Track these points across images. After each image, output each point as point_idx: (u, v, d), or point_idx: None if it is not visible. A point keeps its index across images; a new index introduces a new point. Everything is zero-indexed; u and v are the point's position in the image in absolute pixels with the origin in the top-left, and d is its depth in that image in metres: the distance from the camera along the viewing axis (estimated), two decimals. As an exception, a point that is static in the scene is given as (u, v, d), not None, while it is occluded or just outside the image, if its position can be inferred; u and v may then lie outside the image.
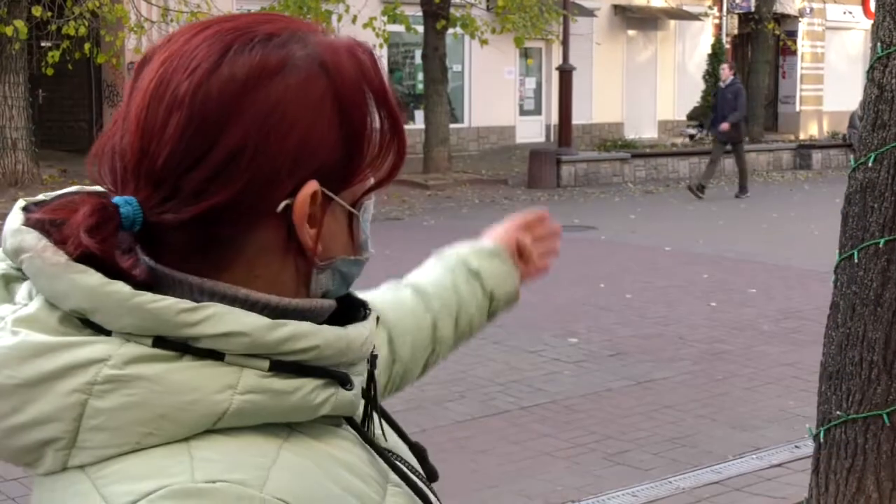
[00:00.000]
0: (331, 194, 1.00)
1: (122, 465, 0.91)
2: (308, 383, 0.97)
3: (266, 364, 0.94)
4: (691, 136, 25.12)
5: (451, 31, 20.60)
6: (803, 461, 5.61)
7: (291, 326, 0.96)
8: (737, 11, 31.77)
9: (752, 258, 12.22)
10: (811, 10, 32.75)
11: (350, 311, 1.09)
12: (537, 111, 28.35)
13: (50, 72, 15.60)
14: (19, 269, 1.00)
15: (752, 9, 29.28)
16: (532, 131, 27.57)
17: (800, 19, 32.70)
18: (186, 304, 0.93)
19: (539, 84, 28.48)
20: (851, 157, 3.98)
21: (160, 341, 0.93)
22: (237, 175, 0.95)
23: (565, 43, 21.41)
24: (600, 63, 28.73)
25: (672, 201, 18.54)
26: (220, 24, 0.99)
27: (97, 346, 0.92)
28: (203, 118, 0.94)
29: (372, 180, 1.04)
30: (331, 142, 0.98)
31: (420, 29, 20.67)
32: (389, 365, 1.51)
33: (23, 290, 0.99)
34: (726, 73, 18.93)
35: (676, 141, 27.43)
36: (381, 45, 19.24)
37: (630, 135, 28.05)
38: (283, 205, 0.97)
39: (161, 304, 0.92)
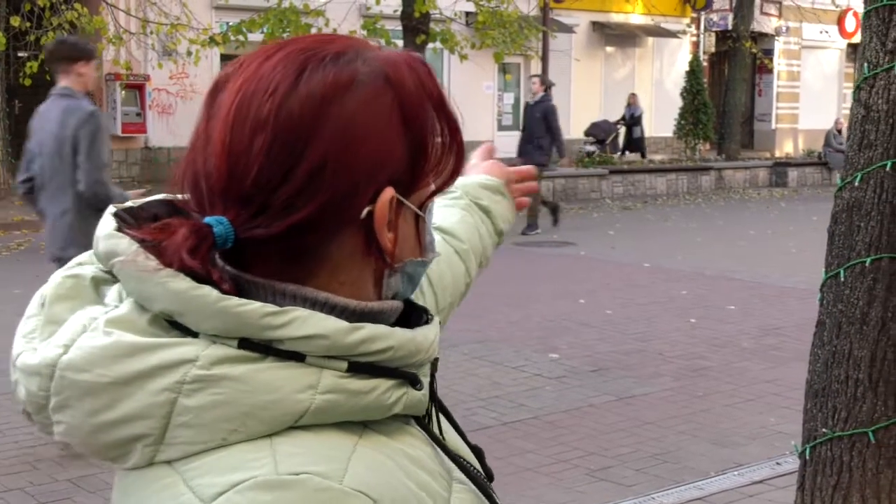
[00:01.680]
0: (402, 199, 1.05)
1: (209, 459, 0.96)
2: (382, 383, 1.02)
3: (344, 365, 1.00)
4: (589, 154, 25.07)
5: (430, 45, 20.63)
6: (785, 478, 5.65)
7: (368, 329, 1.01)
8: (714, 29, 32.00)
9: (730, 275, 12.27)
10: (787, 28, 32.99)
11: (410, 311, 1.15)
12: (515, 126, 28.33)
13: (28, 82, 15.52)
14: (108, 272, 1.06)
15: (730, 27, 29.46)
16: (510, 146, 27.54)
17: (776, 38, 32.93)
18: (271, 307, 0.98)
19: (517, 99, 28.54)
20: (838, 176, 4.00)
21: (245, 343, 0.98)
22: (322, 187, 1.00)
23: (544, 59, 21.49)
24: (579, 79, 28.84)
25: (650, 218, 18.62)
26: (288, 46, 1.05)
27: (186, 348, 0.97)
28: (287, 136, 0.99)
29: (433, 186, 1.10)
30: (400, 150, 1.03)
31: (400, 43, 20.66)
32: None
33: (112, 292, 1.05)
34: (536, 87, 16.07)
35: (654, 157, 27.52)
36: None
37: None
38: (365, 211, 1.02)
39: (247, 308, 0.97)
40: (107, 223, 1.05)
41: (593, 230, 16.57)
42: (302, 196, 0.99)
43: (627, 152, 27.36)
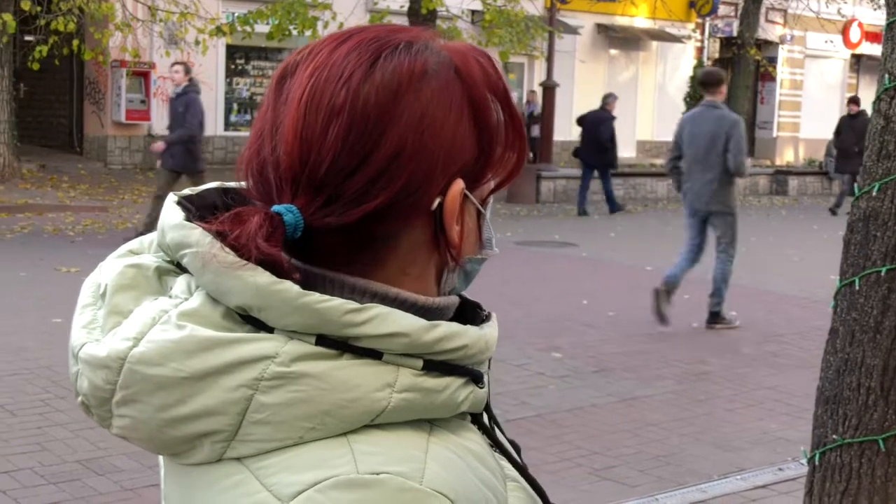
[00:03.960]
0: (468, 193, 1.05)
1: (284, 457, 0.94)
2: (454, 382, 1.01)
3: (420, 363, 0.99)
4: None
5: (437, 42, 20.61)
6: (787, 483, 5.69)
7: (444, 327, 1.00)
8: (719, 35, 32.03)
9: (732, 281, 12.28)
10: (792, 37, 33.04)
11: (464, 307, 1.14)
12: (516, 125, 28.43)
13: (36, 66, 15.53)
14: (172, 262, 1.04)
15: (735, 34, 29.50)
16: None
17: (781, 46, 32.98)
18: (352, 305, 0.96)
19: (521, 99, 28.56)
20: (855, 185, 4.03)
21: (322, 340, 0.96)
22: (397, 175, 0.99)
23: (550, 59, 21.52)
24: (582, 81, 28.87)
25: (651, 221, 18.66)
26: (359, 35, 1.04)
27: (264, 343, 0.95)
28: (363, 123, 0.98)
29: (492, 182, 1.09)
30: (470, 142, 1.03)
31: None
32: None
33: (180, 283, 1.02)
34: (179, 77, 13.14)
35: (655, 161, 27.55)
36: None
37: (609, 153, 28.14)
38: (437, 202, 1.01)
39: (328, 305, 0.96)
40: (173, 212, 1.03)
41: (594, 232, 16.60)
42: (377, 184, 0.98)
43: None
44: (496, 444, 1.10)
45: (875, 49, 28.13)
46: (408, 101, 0.99)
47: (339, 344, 0.97)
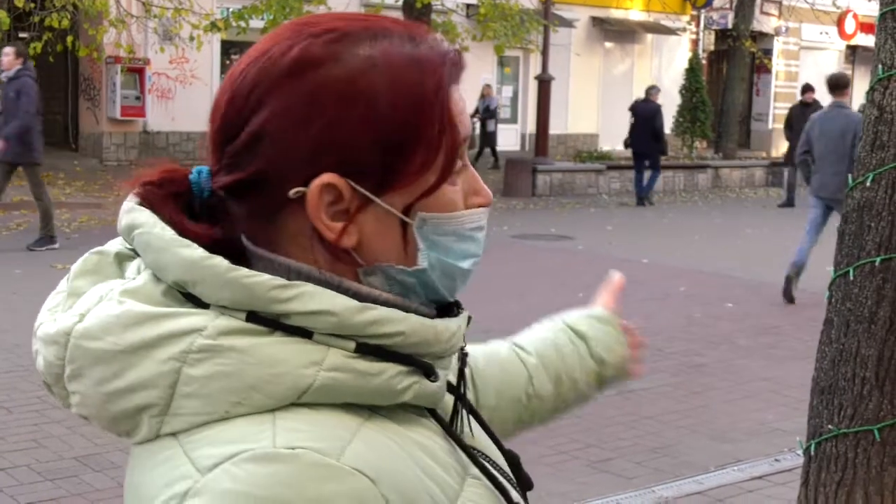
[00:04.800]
0: (367, 193, 1.02)
1: (211, 431, 0.96)
2: (391, 368, 1.01)
3: (352, 345, 0.99)
4: None
5: (431, 36, 20.60)
6: (784, 474, 5.70)
7: (379, 311, 1.00)
8: (714, 28, 32.04)
9: (728, 273, 12.33)
10: (787, 28, 33.04)
11: (445, 309, 1.13)
12: (513, 120, 28.46)
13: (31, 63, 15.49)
14: (132, 249, 1.07)
15: (730, 26, 29.50)
16: (508, 140, 27.65)
17: (776, 38, 32.98)
18: (280, 281, 0.98)
19: (516, 93, 28.59)
20: (850, 176, 4.04)
21: (253, 316, 0.98)
22: (259, 155, 1.01)
23: (545, 53, 21.51)
24: (577, 74, 28.88)
25: (647, 214, 18.67)
26: (303, 20, 1.06)
27: (194, 318, 0.98)
28: (241, 99, 1.02)
29: (421, 190, 1.05)
30: (363, 140, 1.01)
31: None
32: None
33: (133, 266, 1.06)
34: (10, 60, 11.80)
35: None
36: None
37: (604, 146, 28.19)
38: (294, 191, 1.01)
39: (255, 280, 0.98)
40: (130, 198, 1.07)
41: (590, 225, 16.60)
42: (244, 157, 1.01)
43: (486, 149, 25.10)
44: (458, 442, 1.09)
45: (870, 40, 28.13)
46: (290, 85, 1.00)
47: (271, 322, 0.98)
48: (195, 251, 0.99)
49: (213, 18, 17.49)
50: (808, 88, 20.84)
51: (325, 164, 1.00)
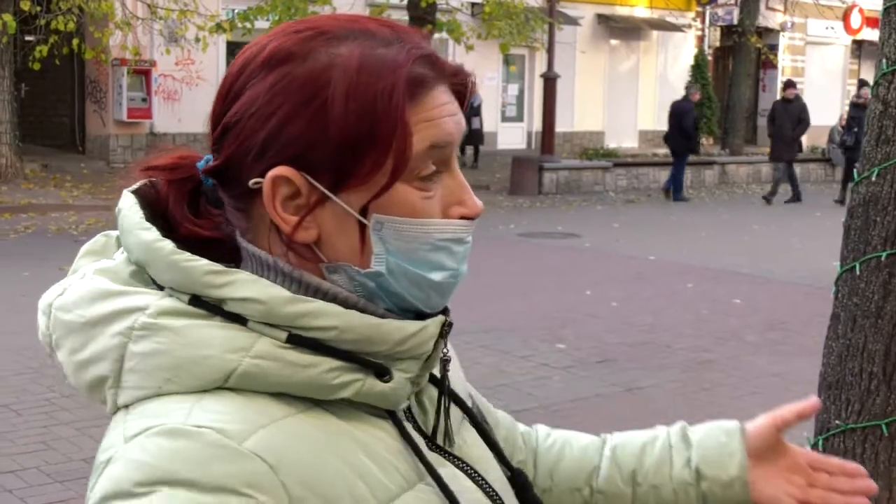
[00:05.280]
0: (322, 189, 1.03)
1: (146, 406, 1.00)
2: (324, 362, 1.02)
3: (283, 335, 1.01)
4: None
5: (437, 35, 20.64)
6: (792, 470, 5.69)
7: (313, 304, 1.02)
8: (719, 24, 31.99)
9: (735, 269, 12.32)
10: (792, 24, 32.99)
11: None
12: (519, 118, 28.45)
13: (37, 66, 15.54)
14: None
15: (735, 22, 29.48)
16: (514, 138, 27.67)
17: (781, 33, 32.93)
18: (216, 266, 1.02)
19: (522, 91, 28.58)
20: (854, 170, 4.03)
21: (196, 300, 1.02)
22: (228, 144, 1.06)
23: (550, 51, 21.50)
24: (583, 71, 28.86)
25: (654, 211, 18.65)
26: (298, 20, 1.10)
27: (142, 297, 1.03)
28: (224, 90, 1.07)
29: (376, 189, 1.05)
30: (316, 136, 1.02)
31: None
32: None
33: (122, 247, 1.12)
34: None
35: (658, 151, 27.54)
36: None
37: (610, 143, 28.18)
38: (253, 181, 1.04)
39: (191, 264, 1.02)
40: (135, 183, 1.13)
41: (597, 222, 16.60)
42: (218, 147, 1.07)
43: (468, 147, 24.52)
44: (412, 446, 1.08)
45: (876, 35, 28.13)
46: (257, 80, 1.04)
47: (212, 307, 1.02)
48: (149, 234, 1.04)
49: (218, 20, 17.52)
50: (789, 84, 21.10)
51: (283, 157, 1.02)
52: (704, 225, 16.63)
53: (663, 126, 29.94)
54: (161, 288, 1.03)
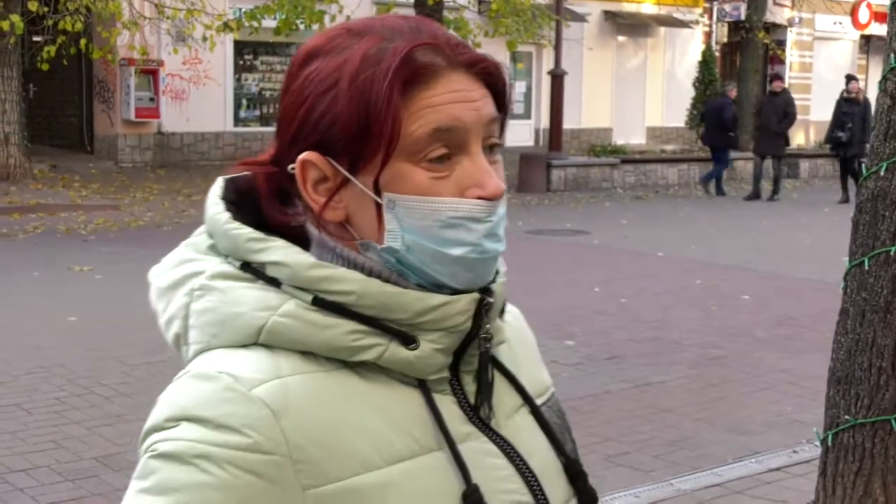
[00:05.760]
0: (342, 170, 1.13)
1: (200, 358, 1.12)
2: (345, 324, 1.10)
3: (309, 297, 1.11)
4: None
5: (444, 33, 20.58)
6: (802, 466, 5.69)
7: (331, 270, 1.11)
8: (727, 20, 31.92)
9: (744, 265, 12.31)
10: (800, 19, 32.92)
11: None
12: (527, 115, 28.40)
13: (45, 67, 15.57)
14: None
15: (742, 17, 29.38)
16: (521, 135, 27.62)
17: (789, 28, 32.86)
18: (257, 234, 1.13)
19: (529, 88, 28.54)
20: (858, 166, 4.03)
21: (245, 266, 1.14)
22: (282, 132, 1.17)
23: (557, 48, 21.48)
24: (590, 68, 28.81)
25: (662, 208, 18.63)
26: (351, 21, 1.20)
27: (205, 263, 1.16)
28: (283, 86, 1.17)
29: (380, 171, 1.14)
30: (331, 122, 1.12)
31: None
32: None
33: None
34: None
35: (666, 147, 27.53)
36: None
37: (618, 140, 28.14)
38: (290, 167, 1.15)
39: (237, 231, 1.14)
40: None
41: (606, 219, 16.59)
42: (276, 137, 1.18)
43: None
44: (438, 420, 1.12)
45: (885, 30, 28.08)
46: (297, 75, 1.15)
47: (257, 273, 1.13)
48: (215, 208, 1.17)
49: (225, 19, 17.54)
50: (776, 77, 21.09)
51: (309, 143, 1.12)
52: (712, 221, 16.61)
53: (671, 122, 30.08)
54: (225, 257, 1.15)
